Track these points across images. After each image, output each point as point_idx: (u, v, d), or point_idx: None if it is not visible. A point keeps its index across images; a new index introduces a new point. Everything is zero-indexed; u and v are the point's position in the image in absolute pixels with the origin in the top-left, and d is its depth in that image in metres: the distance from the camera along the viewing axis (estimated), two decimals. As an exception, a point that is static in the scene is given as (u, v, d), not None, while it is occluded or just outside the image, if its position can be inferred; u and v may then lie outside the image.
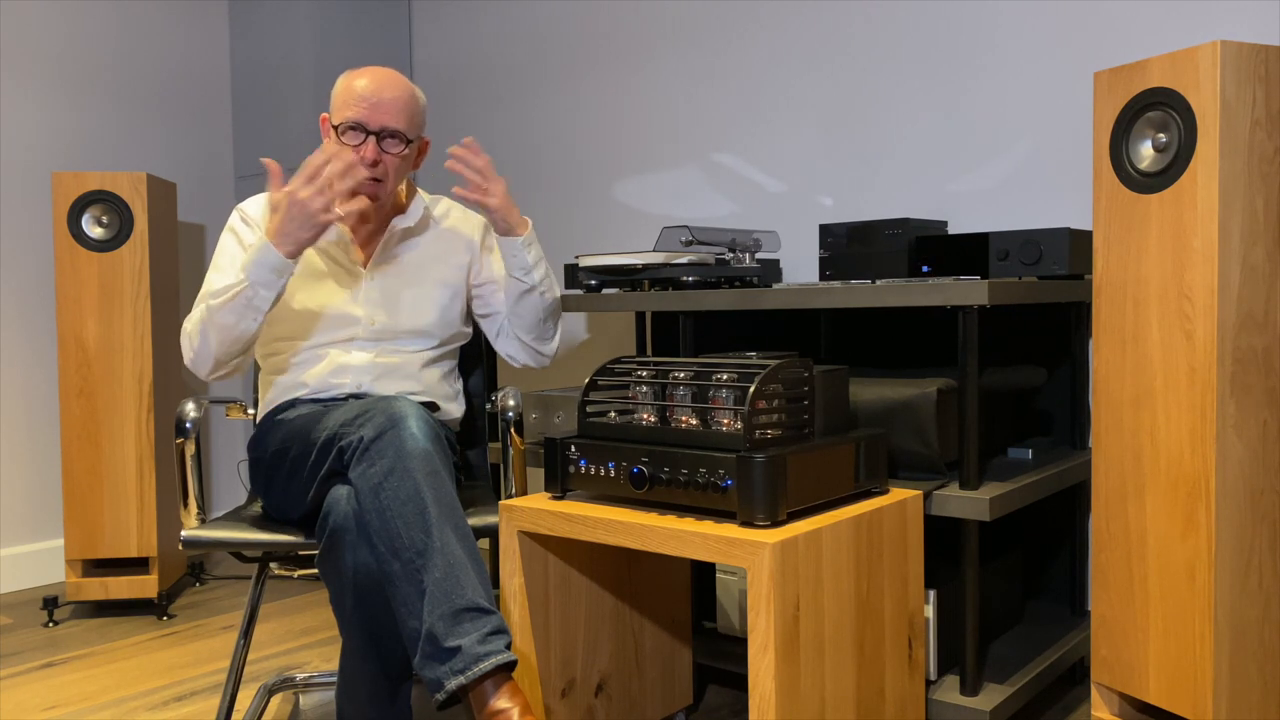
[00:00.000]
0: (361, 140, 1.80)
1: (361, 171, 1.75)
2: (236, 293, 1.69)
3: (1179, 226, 1.47)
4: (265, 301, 1.71)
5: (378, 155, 1.80)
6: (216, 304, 1.71)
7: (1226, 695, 1.47)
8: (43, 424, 3.09)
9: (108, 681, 2.24)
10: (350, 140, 1.80)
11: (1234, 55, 1.42)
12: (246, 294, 1.69)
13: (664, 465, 1.48)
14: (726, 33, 2.71)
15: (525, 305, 1.94)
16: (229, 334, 1.72)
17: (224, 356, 1.75)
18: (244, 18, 3.41)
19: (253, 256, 1.69)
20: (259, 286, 1.69)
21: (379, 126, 1.80)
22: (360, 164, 1.75)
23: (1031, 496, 1.78)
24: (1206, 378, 1.44)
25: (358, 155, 1.78)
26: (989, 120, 2.30)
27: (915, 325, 2.28)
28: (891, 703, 1.58)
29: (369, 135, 1.79)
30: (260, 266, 1.68)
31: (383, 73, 1.84)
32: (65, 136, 3.13)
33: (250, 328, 1.72)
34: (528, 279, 1.91)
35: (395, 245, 1.92)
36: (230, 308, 1.70)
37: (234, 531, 1.72)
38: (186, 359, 1.78)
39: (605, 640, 1.74)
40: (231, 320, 1.71)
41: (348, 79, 1.83)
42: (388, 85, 1.82)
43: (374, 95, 1.80)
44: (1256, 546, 1.49)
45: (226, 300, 1.70)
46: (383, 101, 1.80)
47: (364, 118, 1.79)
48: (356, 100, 1.80)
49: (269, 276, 1.69)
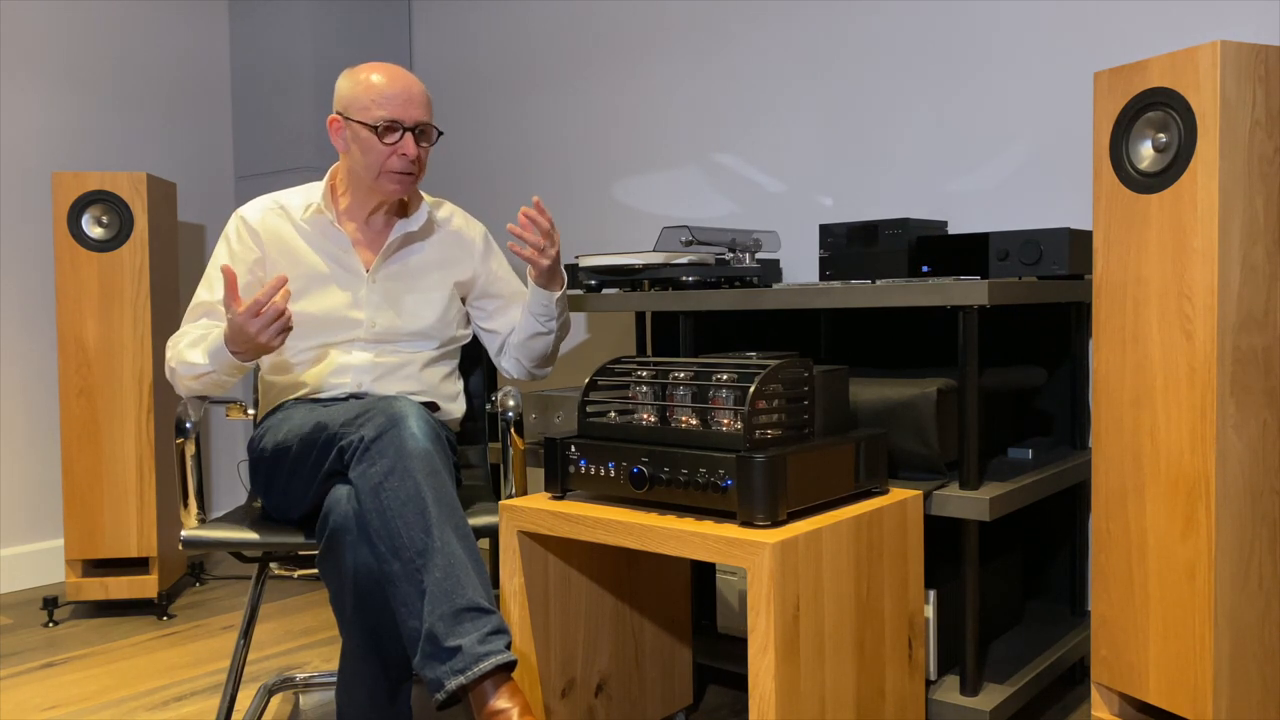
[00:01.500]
0: (399, 137, 1.81)
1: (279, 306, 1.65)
2: (204, 373, 1.74)
3: (1179, 226, 1.47)
4: (228, 384, 1.78)
5: (418, 151, 1.83)
6: (186, 374, 1.76)
7: (1226, 695, 1.47)
8: (43, 424, 3.09)
9: (107, 681, 2.24)
10: (391, 139, 1.81)
11: (1234, 55, 1.42)
12: (212, 377, 1.75)
13: (664, 465, 1.48)
14: (726, 33, 2.71)
15: (538, 342, 1.98)
16: (204, 392, 1.79)
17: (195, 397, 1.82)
18: (244, 18, 3.41)
19: (214, 348, 1.72)
20: (221, 374, 1.74)
21: (414, 122, 1.82)
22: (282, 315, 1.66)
23: (1031, 496, 1.78)
24: (1206, 378, 1.44)
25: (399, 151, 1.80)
26: (989, 120, 2.30)
27: (915, 325, 2.28)
28: (891, 703, 1.58)
29: (406, 132, 1.81)
30: (221, 361, 1.72)
31: (397, 70, 1.85)
32: (65, 136, 3.13)
33: (217, 393, 1.80)
34: (547, 325, 1.95)
35: (399, 249, 1.92)
36: (201, 381, 1.76)
37: (234, 531, 1.72)
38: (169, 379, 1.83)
39: (605, 640, 1.74)
40: (202, 389, 1.78)
41: (362, 77, 1.83)
42: (411, 80, 1.84)
43: (404, 92, 1.82)
44: (1256, 546, 1.49)
45: (196, 375, 1.75)
46: (413, 98, 1.82)
47: (400, 115, 1.81)
48: (387, 99, 1.80)
49: (231, 370, 1.73)
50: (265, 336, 1.63)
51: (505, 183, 3.23)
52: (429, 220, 1.95)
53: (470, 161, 3.33)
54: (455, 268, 1.98)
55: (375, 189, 1.85)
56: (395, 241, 1.91)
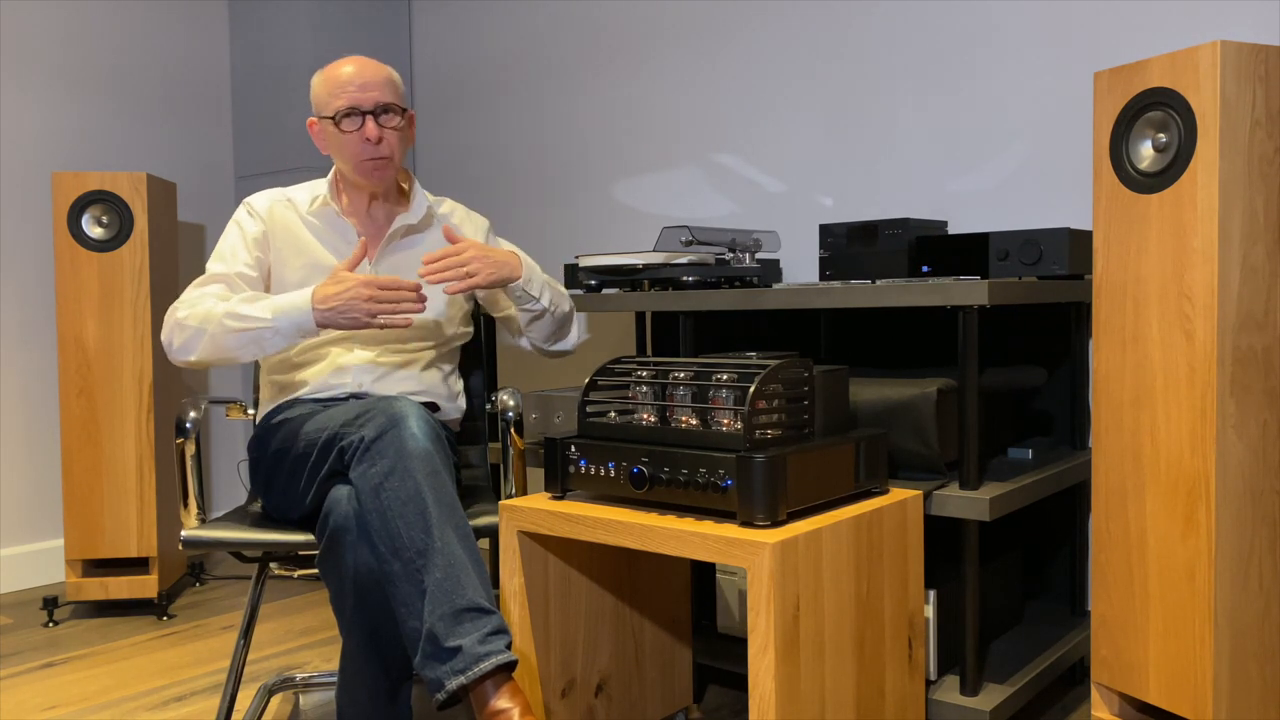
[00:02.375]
0: (360, 123, 1.81)
1: (414, 306, 1.71)
2: (255, 328, 1.70)
3: (1179, 226, 1.47)
4: (275, 348, 1.73)
5: (380, 132, 1.82)
6: (231, 325, 1.71)
7: (1226, 695, 1.47)
8: (43, 424, 3.09)
9: (108, 681, 2.24)
10: (350, 126, 1.82)
11: (1234, 55, 1.42)
12: (264, 334, 1.70)
13: (664, 465, 1.48)
14: (727, 33, 2.71)
15: (539, 325, 1.97)
16: (224, 354, 1.74)
17: (203, 363, 1.76)
18: (244, 18, 3.41)
19: (289, 306, 1.70)
20: (278, 335, 1.71)
21: (373, 104, 1.82)
22: (414, 306, 1.71)
23: (1031, 496, 1.78)
24: (1206, 378, 1.44)
25: (362, 137, 1.80)
26: (989, 120, 2.30)
27: (915, 325, 2.28)
28: (891, 703, 1.58)
29: (365, 115, 1.81)
30: (290, 320, 1.69)
31: (356, 59, 1.87)
32: (65, 136, 3.13)
33: (246, 358, 1.75)
34: (536, 308, 1.93)
35: (398, 242, 1.93)
36: (240, 336, 1.71)
37: (234, 531, 1.72)
38: (165, 339, 1.77)
39: (605, 640, 1.74)
40: (234, 346, 1.72)
41: (324, 75, 1.86)
42: (368, 66, 1.85)
43: (359, 78, 1.83)
44: (1256, 546, 1.49)
45: (241, 329, 1.71)
46: (369, 81, 1.83)
47: (356, 100, 1.81)
48: (342, 88, 1.82)
49: (292, 333, 1.71)
50: (373, 306, 1.65)
51: (505, 182, 3.23)
52: (428, 214, 1.95)
53: (470, 161, 3.33)
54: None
55: (359, 182, 1.87)
56: (396, 232, 1.91)
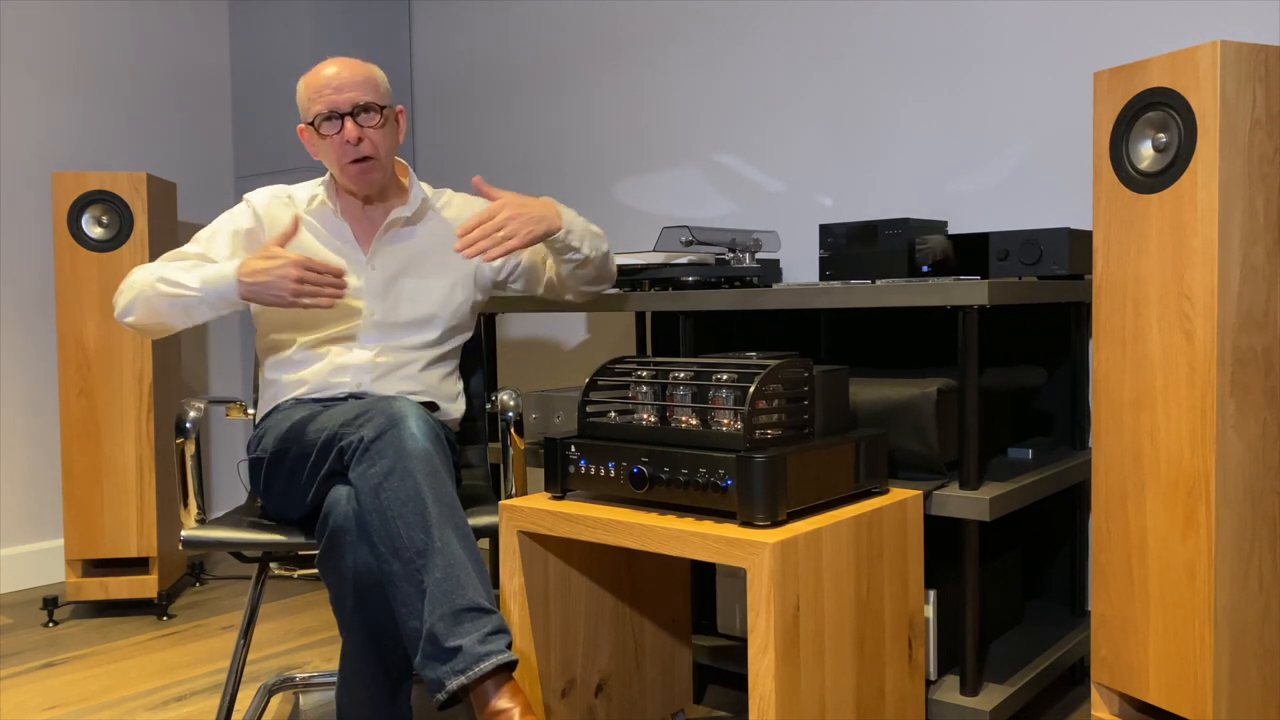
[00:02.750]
0: (339, 126, 1.82)
1: (337, 292, 1.72)
2: (183, 295, 1.73)
3: (1179, 226, 1.47)
4: (203, 317, 1.76)
5: (360, 133, 1.82)
6: (164, 290, 1.74)
7: (1226, 695, 1.47)
8: (43, 424, 3.09)
9: (108, 681, 2.24)
10: (329, 130, 1.82)
11: (1234, 55, 1.42)
12: (191, 302, 1.74)
13: (664, 465, 1.48)
14: (727, 33, 2.71)
15: (581, 274, 1.95)
16: (158, 318, 1.77)
17: (142, 326, 1.79)
18: (244, 18, 3.41)
19: (216, 277, 1.73)
20: (204, 305, 1.74)
21: (350, 105, 1.82)
22: (337, 290, 1.72)
23: (1031, 496, 1.78)
24: (1206, 378, 1.44)
25: (342, 139, 1.81)
26: (989, 120, 2.30)
27: (915, 325, 2.28)
28: (891, 703, 1.58)
29: (343, 117, 1.82)
30: (216, 290, 1.72)
31: (337, 60, 1.87)
32: (65, 136, 3.13)
33: (176, 325, 1.77)
34: (577, 257, 1.89)
35: (395, 235, 1.92)
36: (172, 303, 1.74)
37: (234, 531, 1.72)
38: (113, 300, 1.82)
39: (605, 640, 1.74)
40: (165, 310, 1.75)
41: (305, 80, 1.87)
42: (344, 68, 1.85)
43: (334, 80, 1.83)
44: (1256, 546, 1.49)
45: (171, 295, 1.74)
46: (344, 83, 1.83)
47: (332, 104, 1.82)
48: (318, 92, 1.83)
49: (217, 303, 1.73)
50: (299, 287, 1.66)
51: (505, 182, 3.23)
52: (424, 205, 1.95)
53: (469, 161, 3.33)
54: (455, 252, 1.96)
55: (348, 185, 1.88)
56: (392, 223, 1.91)
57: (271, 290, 1.68)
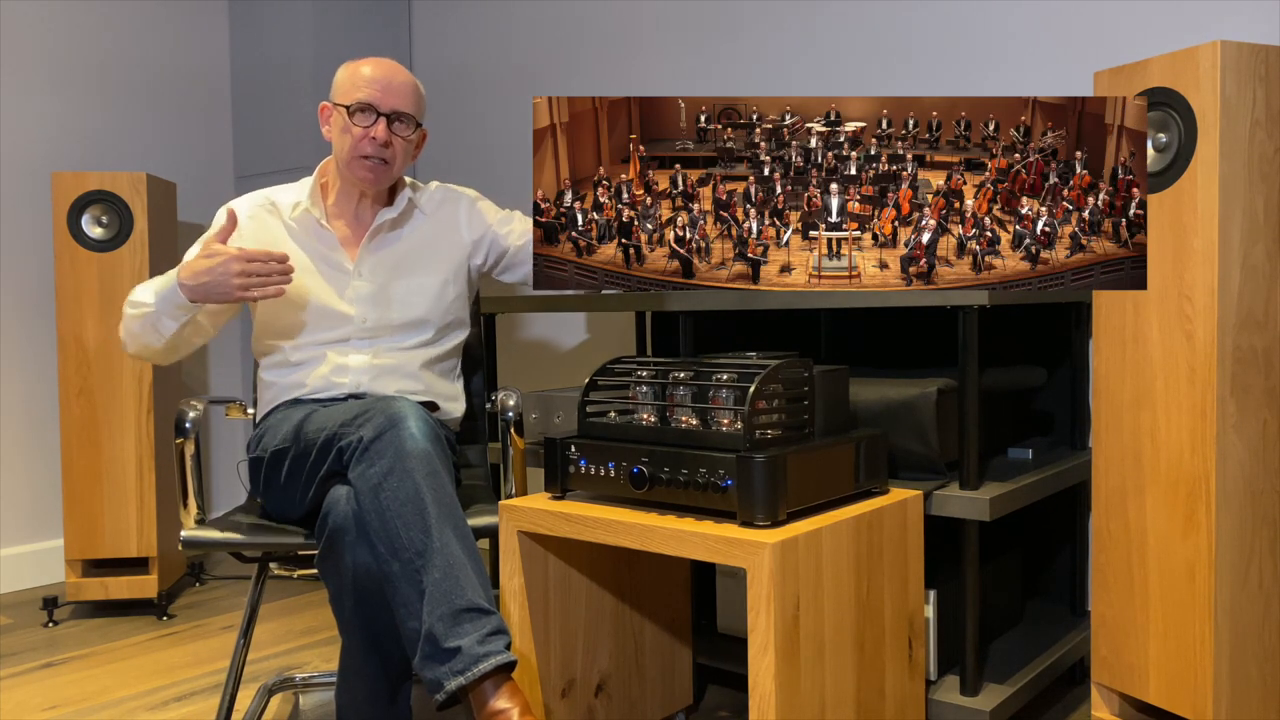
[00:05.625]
0: (373, 121, 1.82)
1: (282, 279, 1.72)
2: (146, 312, 1.76)
3: (1179, 226, 1.47)
4: (169, 329, 1.76)
5: (389, 136, 1.83)
6: (131, 313, 1.79)
7: (1226, 695, 1.47)
8: (43, 424, 3.09)
9: (108, 681, 2.24)
10: (361, 121, 1.82)
11: (1234, 55, 1.42)
12: (152, 317, 1.76)
13: (664, 465, 1.47)
14: (727, 32, 2.71)
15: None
16: (139, 341, 1.80)
17: (137, 353, 1.83)
18: (244, 18, 3.41)
19: (163, 286, 1.74)
20: (163, 316, 1.75)
21: (390, 109, 1.83)
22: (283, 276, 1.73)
23: (1031, 496, 1.78)
24: (1206, 378, 1.44)
25: (369, 134, 1.81)
26: (989, 120, 2.30)
27: (915, 325, 2.28)
28: (891, 703, 1.58)
29: (380, 116, 1.82)
30: (167, 299, 1.73)
31: (388, 61, 1.87)
32: (65, 136, 3.13)
33: (155, 343, 1.79)
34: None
35: (381, 239, 1.92)
36: (141, 321, 1.77)
37: (234, 532, 1.72)
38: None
39: (605, 640, 1.74)
40: (138, 330, 1.78)
41: (353, 66, 1.86)
42: (397, 71, 1.86)
43: (385, 79, 1.83)
44: (1256, 546, 1.49)
45: (137, 314, 1.77)
46: (393, 85, 1.83)
47: (376, 99, 1.82)
48: (367, 83, 1.82)
49: (172, 311, 1.74)
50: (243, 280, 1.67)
51: (505, 183, 3.23)
52: (409, 206, 1.95)
53: (469, 161, 3.33)
54: (444, 248, 1.96)
55: (349, 177, 1.86)
56: (379, 227, 1.90)
57: (217, 288, 1.69)
